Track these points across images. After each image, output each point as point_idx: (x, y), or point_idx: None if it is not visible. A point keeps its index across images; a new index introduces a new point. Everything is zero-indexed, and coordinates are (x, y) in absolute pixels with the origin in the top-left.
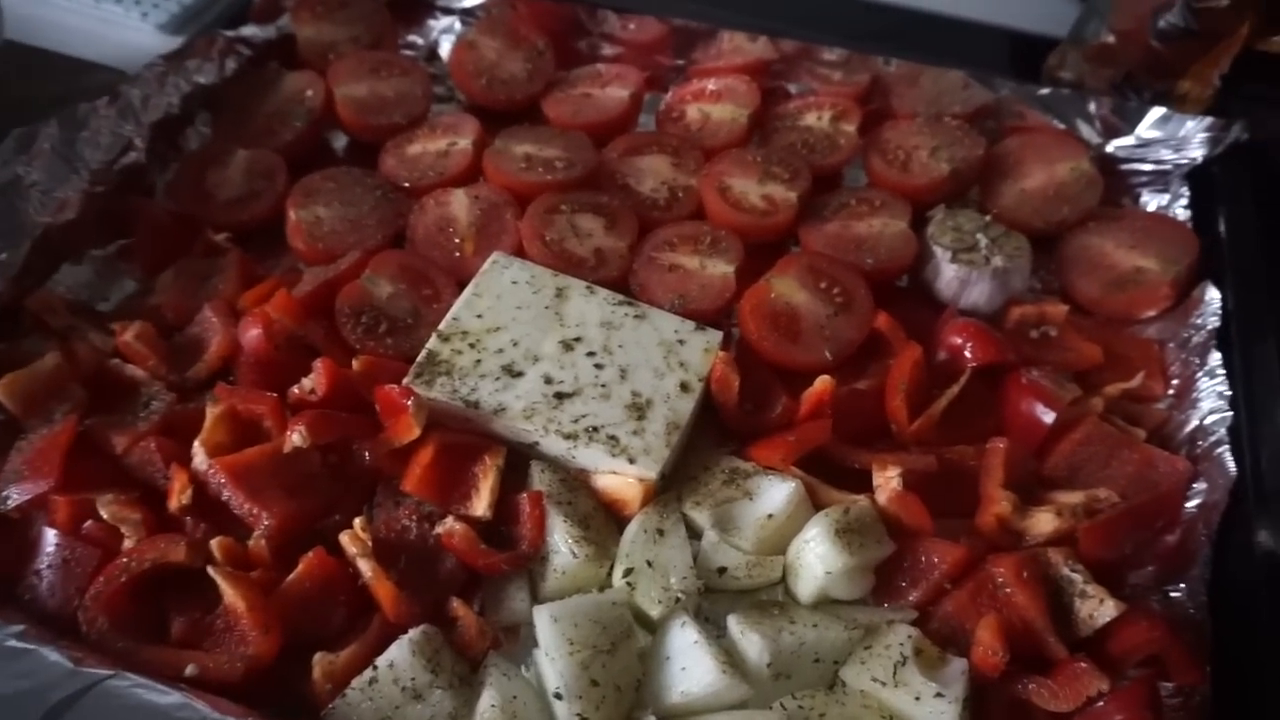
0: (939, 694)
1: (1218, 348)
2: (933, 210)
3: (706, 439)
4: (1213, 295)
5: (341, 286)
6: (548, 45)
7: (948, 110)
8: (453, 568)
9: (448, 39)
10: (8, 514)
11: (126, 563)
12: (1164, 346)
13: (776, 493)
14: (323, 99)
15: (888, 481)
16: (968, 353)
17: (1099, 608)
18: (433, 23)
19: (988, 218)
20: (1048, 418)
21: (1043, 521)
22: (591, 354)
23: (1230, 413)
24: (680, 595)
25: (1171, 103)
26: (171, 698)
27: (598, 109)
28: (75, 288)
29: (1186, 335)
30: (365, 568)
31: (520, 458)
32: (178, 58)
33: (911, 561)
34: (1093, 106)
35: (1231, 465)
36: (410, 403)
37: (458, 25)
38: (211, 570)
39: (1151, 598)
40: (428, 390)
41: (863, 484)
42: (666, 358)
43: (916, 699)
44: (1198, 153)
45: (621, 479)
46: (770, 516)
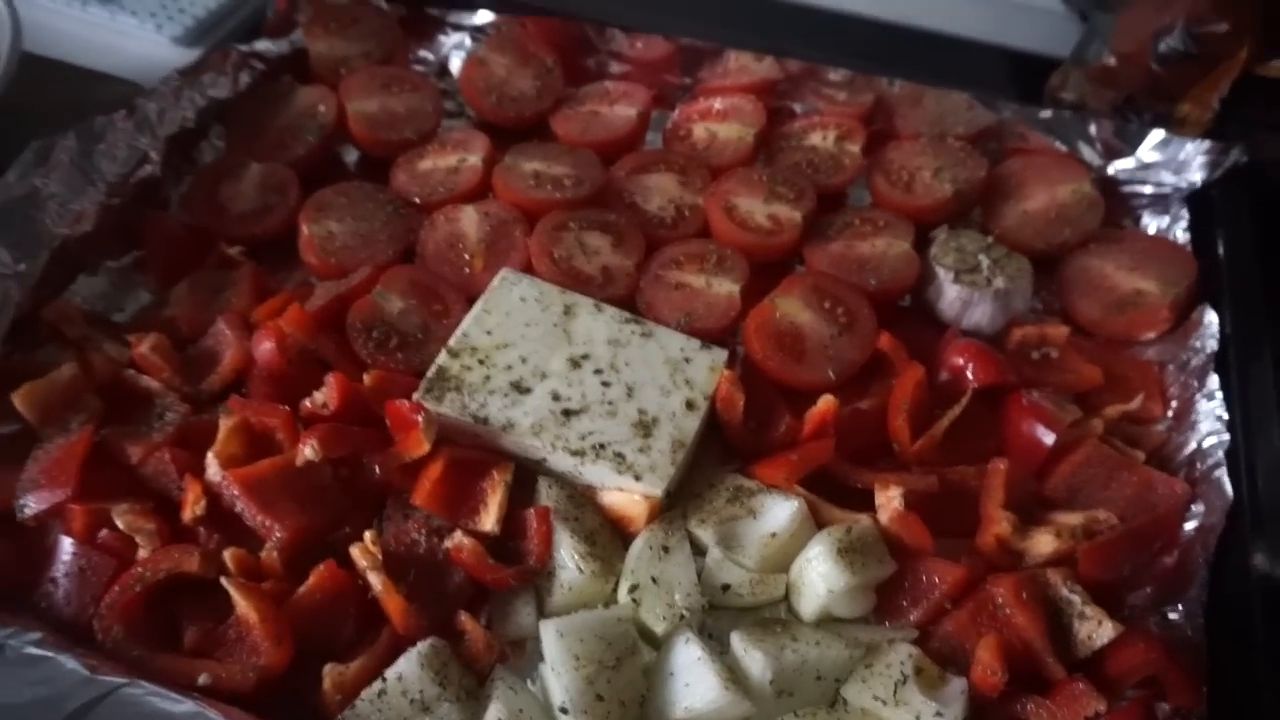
0: (939, 713)
1: (1216, 370)
2: (936, 231)
3: (711, 456)
4: (1211, 318)
5: (353, 301)
6: (556, 63)
7: (951, 131)
8: (461, 581)
9: (458, 55)
10: (25, 522)
11: (141, 572)
12: (1163, 368)
13: (780, 511)
14: (335, 114)
15: (890, 501)
16: (969, 373)
17: (1097, 629)
18: (443, 39)
19: (990, 239)
20: (1048, 439)
21: (1042, 542)
22: (599, 371)
23: (1228, 436)
24: (684, 612)
25: (1171, 125)
26: (184, 706)
27: (606, 126)
28: (91, 298)
29: (1185, 358)
30: (375, 580)
31: (528, 473)
32: (193, 72)
33: (912, 581)
34: (1094, 129)
35: (1229, 488)
36: (420, 418)
37: (468, 42)
38: (224, 581)
39: (1149, 619)
40: (437, 405)
41: (865, 503)
42: (673, 376)
43: (917, 717)
44: (1197, 176)
45: (627, 496)
46: (774, 535)
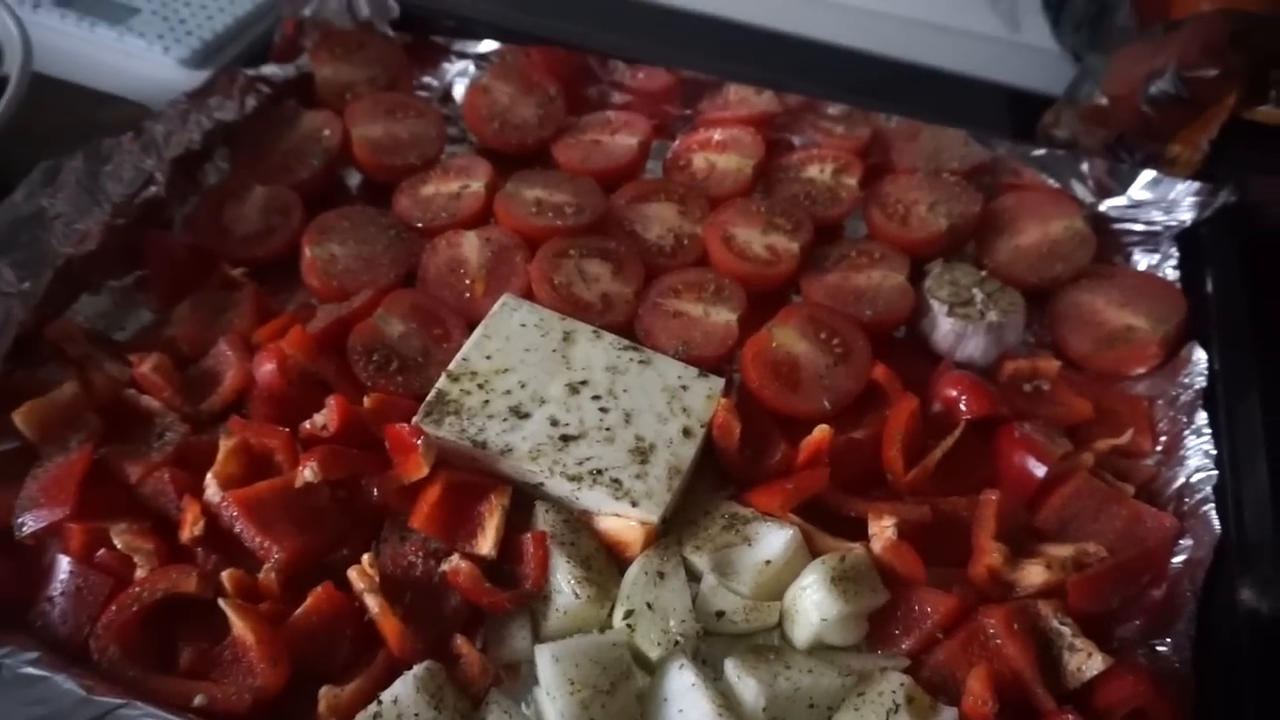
0: None
1: (1204, 407)
2: (930, 264)
3: (706, 483)
4: (1200, 356)
5: (354, 324)
6: (559, 92)
7: (946, 166)
8: (457, 605)
9: (461, 82)
10: (22, 540)
11: (138, 592)
12: (1153, 404)
13: (775, 539)
14: (339, 138)
15: (883, 531)
16: (962, 405)
17: (1087, 661)
18: (448, 66)
19: (984, 273)
20: (1039, 471)
21: (1033, 573)
22: (597, 397)
23: (1215, 471)
24: (679, 638)
25: (1162, 165)
26: None
27: (607, 155)
28: (93, 317)
29: (1175, 393)
30: (372, 603)
31: (525, 498)
32: (200, 95)
33: (905, 610)
34: (1086, 167)
35: (1216, 523)
36: (419, 441)
37: (472, 69)
38: (222, 602)
39: (1138, 651)
40: (436, 429)
41: (858, 532)
42: (670, 403)
43: None
44: (1187, 215)
45: (624, 521)
46: (768, 562)
